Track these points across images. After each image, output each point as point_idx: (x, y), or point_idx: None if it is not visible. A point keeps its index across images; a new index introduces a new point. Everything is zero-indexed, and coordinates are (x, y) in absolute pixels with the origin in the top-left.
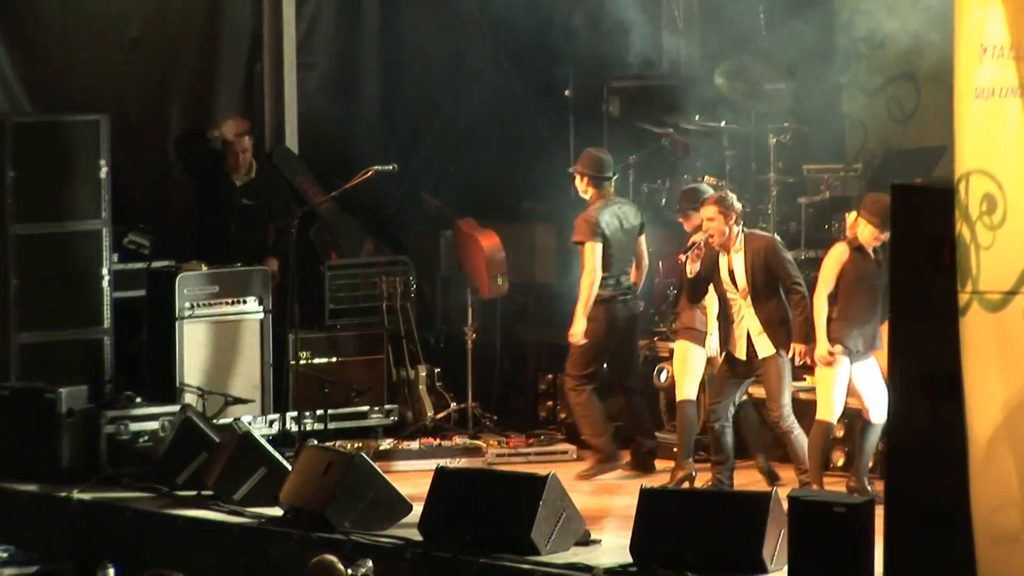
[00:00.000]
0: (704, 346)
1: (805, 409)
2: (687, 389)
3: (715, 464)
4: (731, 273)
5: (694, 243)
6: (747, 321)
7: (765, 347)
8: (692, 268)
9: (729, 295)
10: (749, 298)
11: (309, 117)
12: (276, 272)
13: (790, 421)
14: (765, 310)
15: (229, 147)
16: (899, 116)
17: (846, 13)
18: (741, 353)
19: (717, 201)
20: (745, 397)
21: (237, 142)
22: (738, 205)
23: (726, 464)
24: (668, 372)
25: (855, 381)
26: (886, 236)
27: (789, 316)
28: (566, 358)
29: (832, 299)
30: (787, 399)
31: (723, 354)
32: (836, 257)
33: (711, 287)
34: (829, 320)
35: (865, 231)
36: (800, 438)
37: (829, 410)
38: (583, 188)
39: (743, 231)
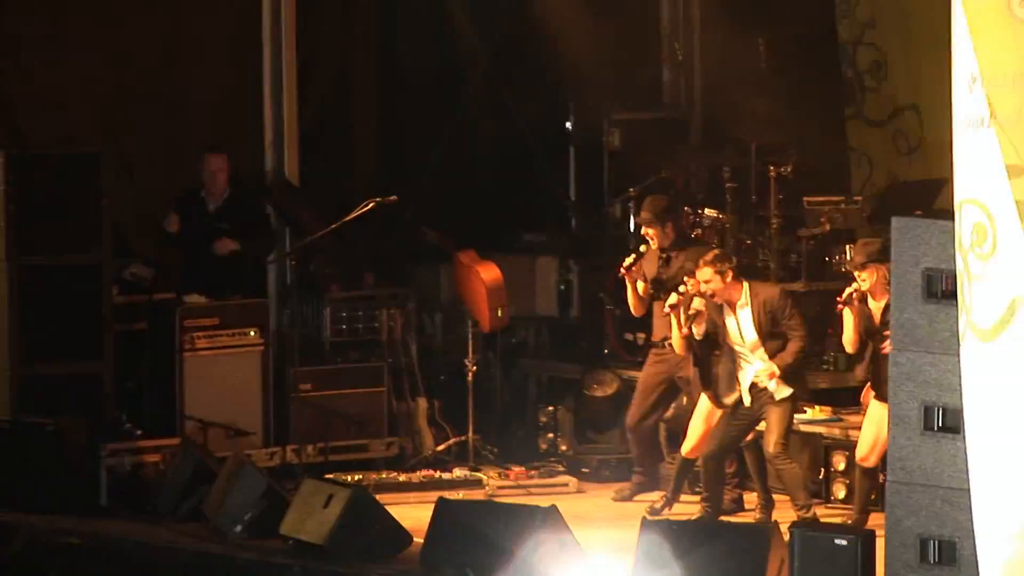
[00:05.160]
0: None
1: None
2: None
3: (704, 500)
4: (739, 329)
5: (697, 312)
6: (755, 367)
7: (782, 390)
8: (699, 331)
9: (736, 347)
10: (761, 350)
11: (310, 149)
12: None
13: (782, 460)
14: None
15: (204, 170)
16: (904, 148)
17: (850, 46)
18: (747, 399)
19: (712, 262)
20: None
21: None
22: (732, 260)
23: (715, 500)
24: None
25: None
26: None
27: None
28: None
29: None
30: (787, 435)
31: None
32: None
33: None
34: None
35: None
36: (795, 472)
37: None
38: None
39: (746, 284)
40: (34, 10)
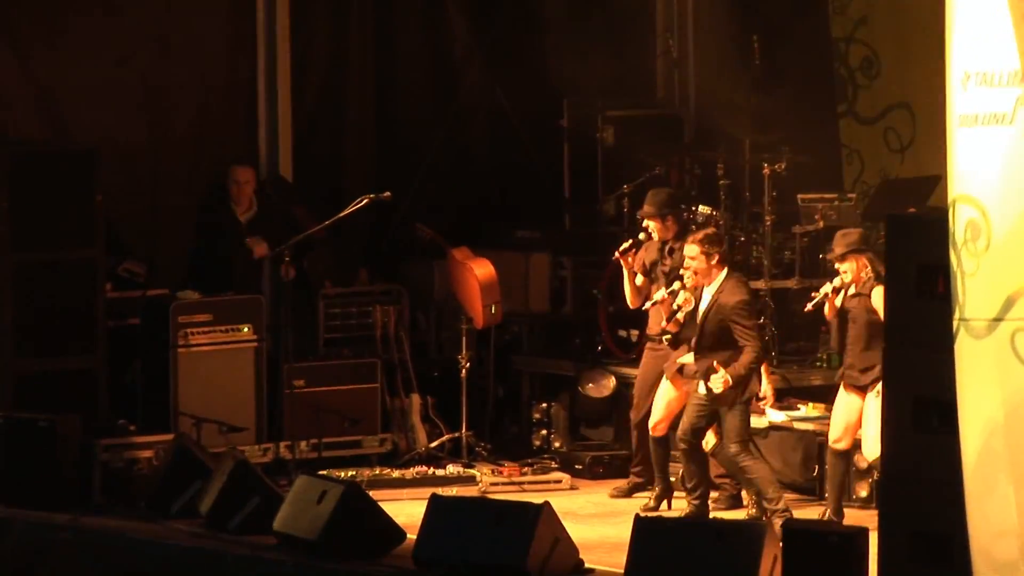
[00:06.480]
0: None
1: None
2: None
3: (689, 492)
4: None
5: (680, 308)
6: None
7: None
8: (685, 312)
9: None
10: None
11: (304, 146)
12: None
13: (745, 458)
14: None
15: (231, 180)
16: (896, 145)
17: (843, 43)
18: (702, 387)
19: (701, 241)
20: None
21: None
22: (723, 244)
23: (699, 491)
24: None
25: None
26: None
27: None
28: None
29: None
30: (744, 432)
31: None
32: None
33: None
34: None
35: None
36: (760, 468)
37: None
38: None
39: (723, 275)
40: (29, 7)
